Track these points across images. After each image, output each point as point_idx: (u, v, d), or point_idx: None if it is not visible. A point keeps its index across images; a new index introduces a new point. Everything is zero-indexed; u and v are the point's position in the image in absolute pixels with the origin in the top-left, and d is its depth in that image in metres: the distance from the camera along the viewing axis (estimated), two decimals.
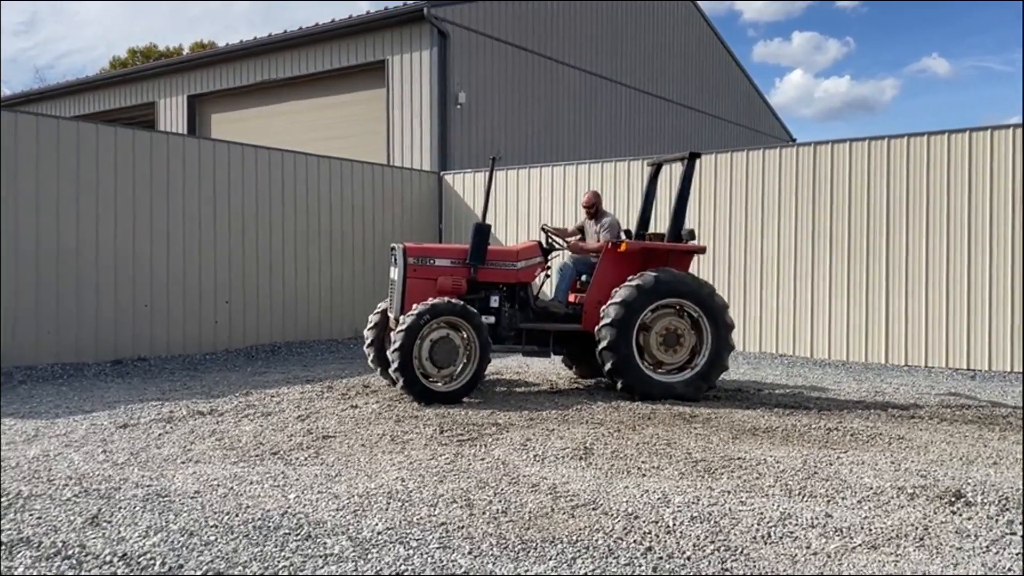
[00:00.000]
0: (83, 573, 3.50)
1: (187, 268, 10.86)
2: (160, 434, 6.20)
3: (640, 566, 3.64)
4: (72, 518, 4.18)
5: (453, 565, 3.62)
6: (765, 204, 11.50)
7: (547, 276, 8.63)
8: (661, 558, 3.74)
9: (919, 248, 10.30)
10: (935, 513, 4.42)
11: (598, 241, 8.56)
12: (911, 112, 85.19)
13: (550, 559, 3.71)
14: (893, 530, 4.13)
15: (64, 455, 5.51)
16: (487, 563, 3.65)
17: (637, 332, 7.76)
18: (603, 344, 7.71)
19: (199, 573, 3.51)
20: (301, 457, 5.52)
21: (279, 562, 3.63)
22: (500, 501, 4.54)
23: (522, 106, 17.57)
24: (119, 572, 3.50)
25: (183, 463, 5.35)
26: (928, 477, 5.13)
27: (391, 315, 8.03)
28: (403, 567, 3.58)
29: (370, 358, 8.38)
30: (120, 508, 4.35)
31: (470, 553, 3.76)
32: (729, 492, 4.77)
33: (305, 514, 4.29)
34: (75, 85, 21.96)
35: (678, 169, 8.65)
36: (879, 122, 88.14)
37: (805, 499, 4.66)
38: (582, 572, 3.57)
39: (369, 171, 13.55)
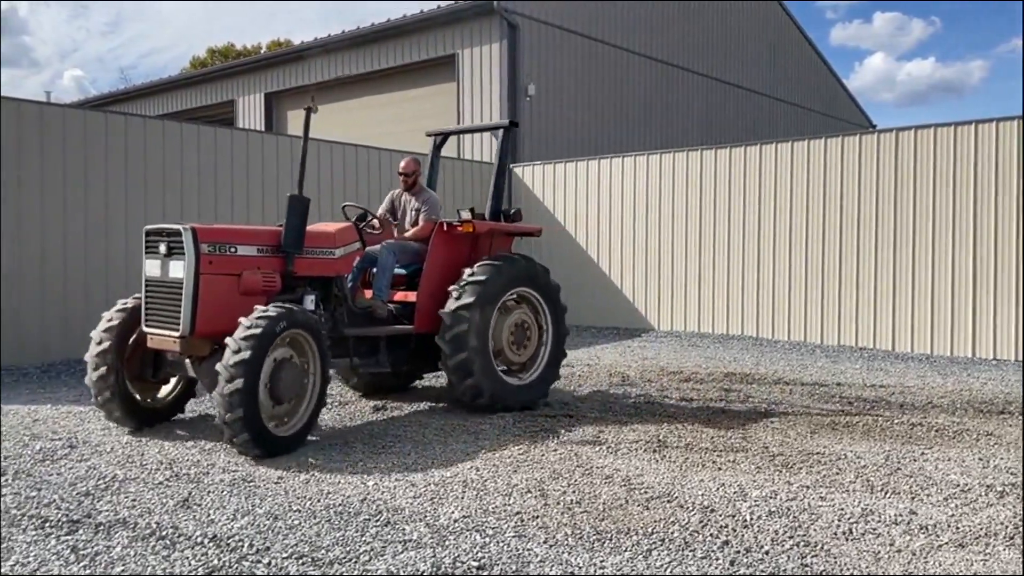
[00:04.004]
0: (176, 553, 3.66)
1: None
2: None
3: (717, 559, 3.62)
4: (165, 500, 4.38)
5: (529, 554, 3.66)
6: (844, 193, 11.19)
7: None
8: (739, 552, 3.70)
9: (1008, 237, 9.86)
10: None
11: (416, 219, 7.24)
12: (1001, 95, 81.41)
13: (625, 550, 3.72)
14: (982, 528, 4.00)
15: (155, 441, 5.76)
16: (563, 553, 3.68)
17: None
18: (457, 359, 6.43)
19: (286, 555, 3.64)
20: (378, 445, 5.65)
21: (360, 546, 3.73)
22: (574, 492, 4.56)
23: (592, 96, 17.46)
24: (210, 552, 3.65)
25: None
26: (1019, 475, 4.94)
27: (165, 332, 5.58)
28: (480, 555, 3.63)
29: (99, 391, 5.74)
30: (209, 492, 4.53)
31: (545, 542, 3.80)
32: (808, 487, 4.68)
33: (383, 501, 4.40)
34: (158, 85, 22.78)
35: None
36: (966, 106, 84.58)
37: (888, 495, 4.54)
38: (658, 564, 3.57)
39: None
